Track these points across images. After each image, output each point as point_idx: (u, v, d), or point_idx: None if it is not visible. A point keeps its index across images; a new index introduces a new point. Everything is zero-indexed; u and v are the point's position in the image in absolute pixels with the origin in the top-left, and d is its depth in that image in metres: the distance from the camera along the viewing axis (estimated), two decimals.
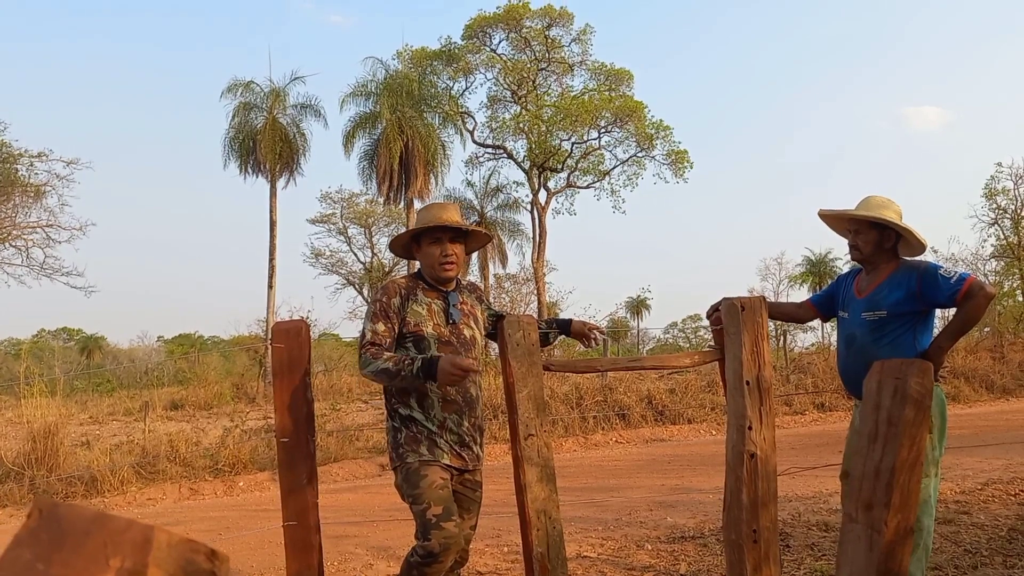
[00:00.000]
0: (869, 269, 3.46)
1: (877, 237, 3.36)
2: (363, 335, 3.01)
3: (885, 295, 3.31)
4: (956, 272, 3.25)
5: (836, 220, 3.57)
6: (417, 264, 3.30)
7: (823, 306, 3.73)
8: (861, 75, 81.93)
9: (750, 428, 2.95)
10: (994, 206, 21.01)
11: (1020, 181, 20.59)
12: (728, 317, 3.12)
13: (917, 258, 3.47)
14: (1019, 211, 20.75)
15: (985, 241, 21.32)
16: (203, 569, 0.56)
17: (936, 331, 3.37)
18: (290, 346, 2.99)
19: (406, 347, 3.04)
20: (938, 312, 3.56)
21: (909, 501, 1.37)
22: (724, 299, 3.18)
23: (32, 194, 20.24)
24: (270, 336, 3.21)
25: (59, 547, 0.54)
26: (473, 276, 28.62)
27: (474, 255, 27.89)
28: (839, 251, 33.25)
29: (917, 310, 3.27)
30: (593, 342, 3.49)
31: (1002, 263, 21.40)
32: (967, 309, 3.15)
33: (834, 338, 21.26)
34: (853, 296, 3.48)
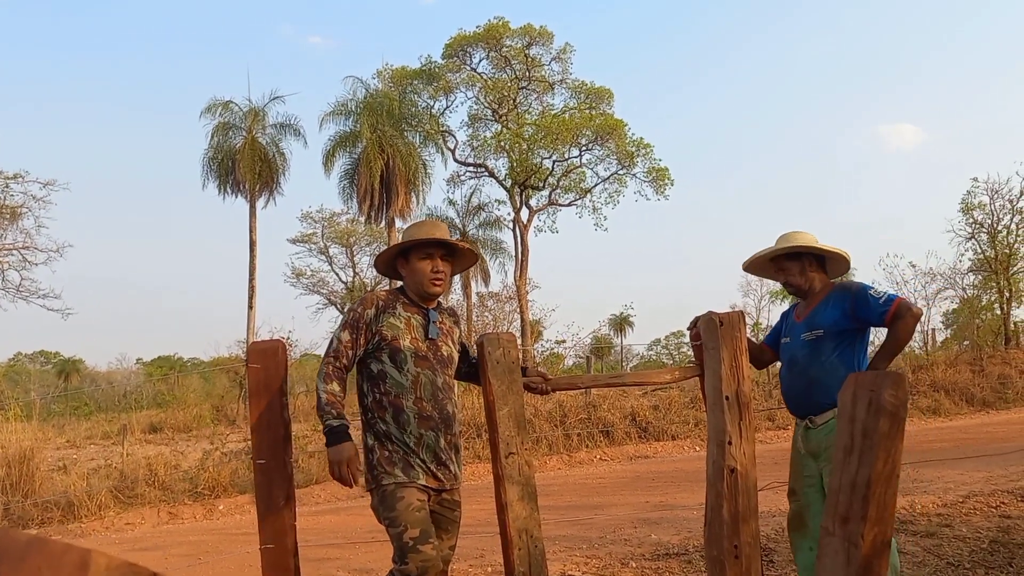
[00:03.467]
0: (807, 296, 3.59)
1: (800, 266, 3.53)
2: (331, 342, 3.02)
3: (822, 315, 3.44)
4: (885, 292, 3.40)
5: (761, 267, 3.72)
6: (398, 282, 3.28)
7: (775, 345, 3.77)
8: (835, 96, 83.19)
9: (730, 443, 2.95)
10: (971, 220, 21.27)
11: (996, 196, 20.88)
12: (707, 332, 3.12)
13: (849, 279, 3.59)
14: (995, 225, 21.01)
15: (963, 255, 21.50)
16: None
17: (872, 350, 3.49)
18: (266, 366, 2.95)
19: (381, 360, 3.01)
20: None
21: (885, 514, 1.36)
22: (703, 314, 3.20)
23: (8, 216, 20.02)
24: None
25: None
26: (456, 295, 28.55)
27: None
28: None
29: (853, 328, 3.39)
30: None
31: (980, 277, 21.64)
32: (897, 329, 3.28)
33: None
34: (794, 322, 3.62)
